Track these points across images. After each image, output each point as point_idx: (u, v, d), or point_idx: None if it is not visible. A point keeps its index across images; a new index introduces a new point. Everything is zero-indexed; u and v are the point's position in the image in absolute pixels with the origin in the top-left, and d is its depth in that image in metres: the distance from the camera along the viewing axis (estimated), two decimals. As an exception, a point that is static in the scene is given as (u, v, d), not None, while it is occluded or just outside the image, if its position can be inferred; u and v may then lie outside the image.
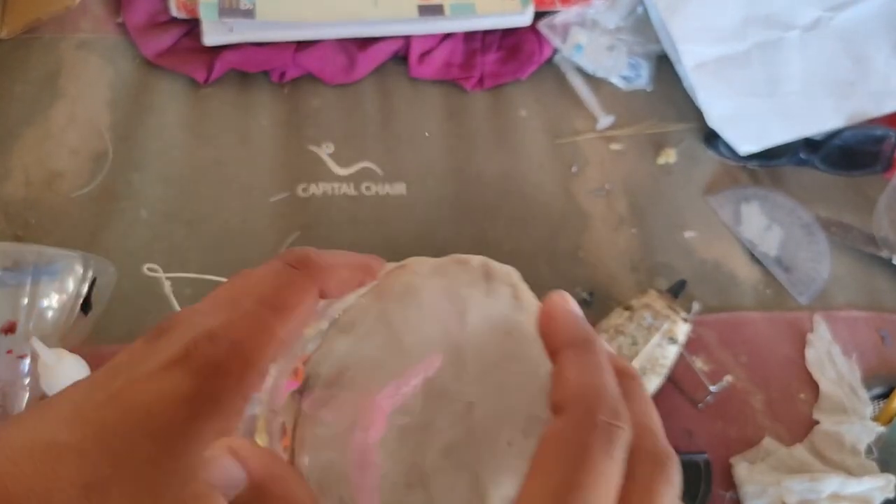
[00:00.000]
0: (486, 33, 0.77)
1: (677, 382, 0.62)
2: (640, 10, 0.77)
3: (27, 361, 0.52)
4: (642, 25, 0.77)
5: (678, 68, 0.76)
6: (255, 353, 0.21)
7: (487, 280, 0.24)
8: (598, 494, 0.19)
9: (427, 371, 0.23)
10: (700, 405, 0.61)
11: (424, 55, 0.74)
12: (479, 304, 0.24)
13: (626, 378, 0.24)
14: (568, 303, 0.24)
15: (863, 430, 0.60)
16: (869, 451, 0.60)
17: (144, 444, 0.20)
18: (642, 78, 0.78)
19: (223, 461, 0.20)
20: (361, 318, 0.23)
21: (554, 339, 0.24)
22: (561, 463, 0.20)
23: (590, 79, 0.77)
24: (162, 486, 0.20)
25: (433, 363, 0.23)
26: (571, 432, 0.20)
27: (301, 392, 0.22)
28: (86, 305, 0.56)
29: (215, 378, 0.21)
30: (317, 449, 0.21)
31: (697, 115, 0.75)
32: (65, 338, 0.54)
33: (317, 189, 0.67)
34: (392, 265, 0.24)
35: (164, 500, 0.19)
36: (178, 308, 0.59)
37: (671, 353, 0.59)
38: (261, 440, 0.22)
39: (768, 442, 0.60)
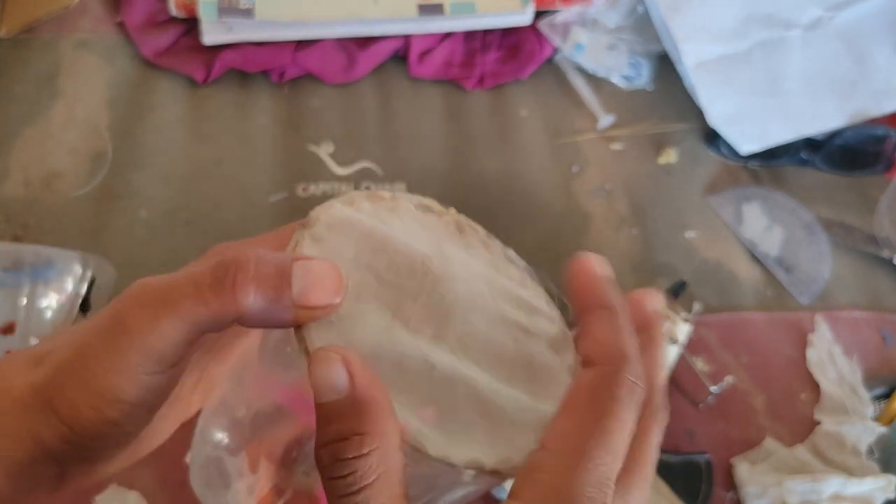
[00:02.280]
0: (487, 32, 0.77)
1: (678, 383, 0.61)
2: (640, 9, 0.77)
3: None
4: (643, 25, 0.77)
5: (679, 68, 0.75)
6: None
7: (461, 232, 0.28)
8: (618, 439, 0.22)
9: None
10: (701, 406, 0.61)
11: (424, 55, 0.74)
12: (453, 241, 0.27)
13: (645, 332, 0.26)
14: (599, 265, 0.27)
15: (864, 431, 0.60)
16: (870, 451, 0.60)
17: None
18: (643, 77, 0.77)
19: (333, 366, 0.21)
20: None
21: (585, 299, 0.26)
22: (591, 408, 0.23)
23: (590, 78, 0.77)
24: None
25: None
26: (601, 384, 0.23)
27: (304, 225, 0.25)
28: (85, 305, 0.56)
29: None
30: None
31: (698, 114, 0.75)
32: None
33: (316, 189, 0.67)
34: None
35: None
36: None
37: (672, 353, 0.59)
38: None
39: (769, 442, 0.60)
